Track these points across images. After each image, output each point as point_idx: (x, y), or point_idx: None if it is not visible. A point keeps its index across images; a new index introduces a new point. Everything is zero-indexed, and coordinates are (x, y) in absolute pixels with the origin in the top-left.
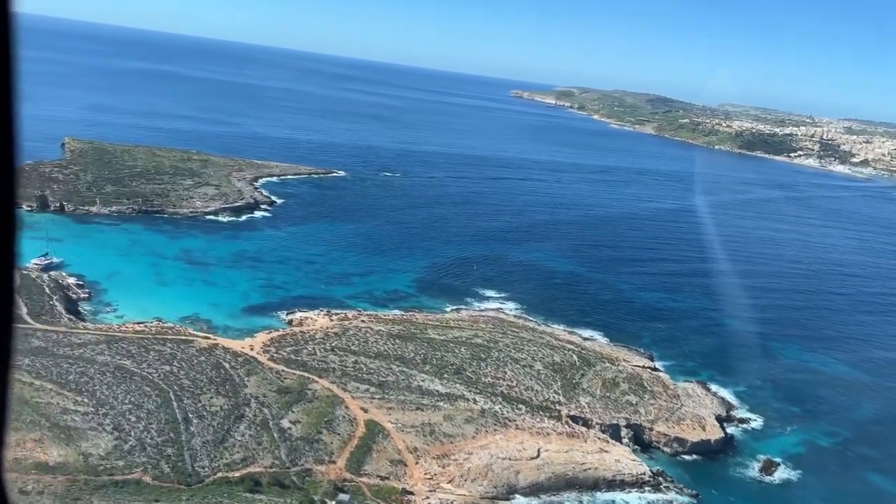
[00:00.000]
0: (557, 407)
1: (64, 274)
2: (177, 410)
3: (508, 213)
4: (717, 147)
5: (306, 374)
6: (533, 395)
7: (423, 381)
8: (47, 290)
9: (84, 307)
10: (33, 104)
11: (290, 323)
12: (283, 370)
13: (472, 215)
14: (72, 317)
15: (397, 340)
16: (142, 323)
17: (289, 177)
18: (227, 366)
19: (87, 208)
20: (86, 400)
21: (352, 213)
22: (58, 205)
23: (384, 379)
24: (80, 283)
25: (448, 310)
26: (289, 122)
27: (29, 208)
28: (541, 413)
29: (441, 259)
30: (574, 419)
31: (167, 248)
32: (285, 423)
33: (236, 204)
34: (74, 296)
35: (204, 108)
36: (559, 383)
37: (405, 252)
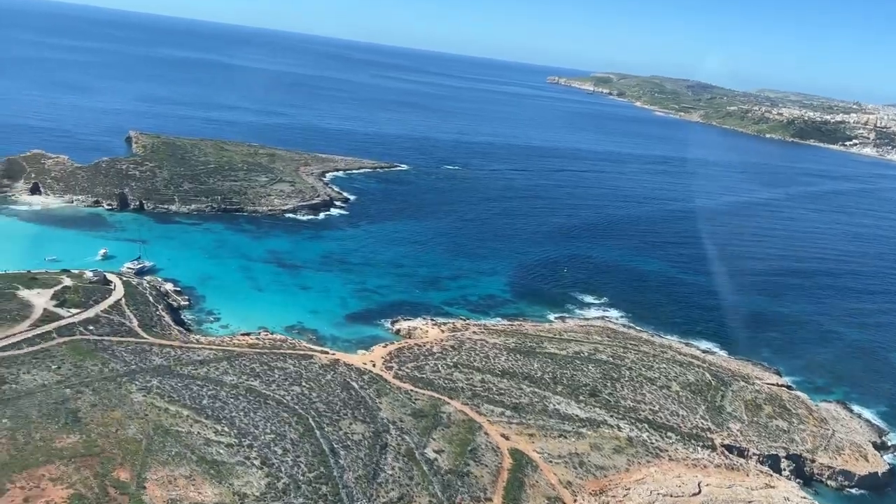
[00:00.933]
0: (709, 435)
1: (159, 279)
2: (321, 440)
3: (581, 207)
4: (768, 135)
5: (436, 395)
6: (680, 422)
7: (558, 403)
8: (151, 298)
9: (187, 316)
10: (90, 95)
11: (397, 333)
12: (411, 390)
13: (545, 210)
14: (180, 328)
15: (518, 356)
16: (249, 334)
17: (354, 171)
18: (355, 385)
19: (166, 207)
20: (226, 429)
21: (425, 210)
22: (137, 203)
23: (517, 401)
24: (178, 289)
25: (552, 318)
26: (338, 113)
27: (109, 207)
28: (693, 442)
29: (526, 259)
30: (729, 449)
31: (253, 249)
32: (430, 453)
33: (313, 202)
34: (175, 303)
35: (252, 98)
36: (703, 407)
37: (488, 252)
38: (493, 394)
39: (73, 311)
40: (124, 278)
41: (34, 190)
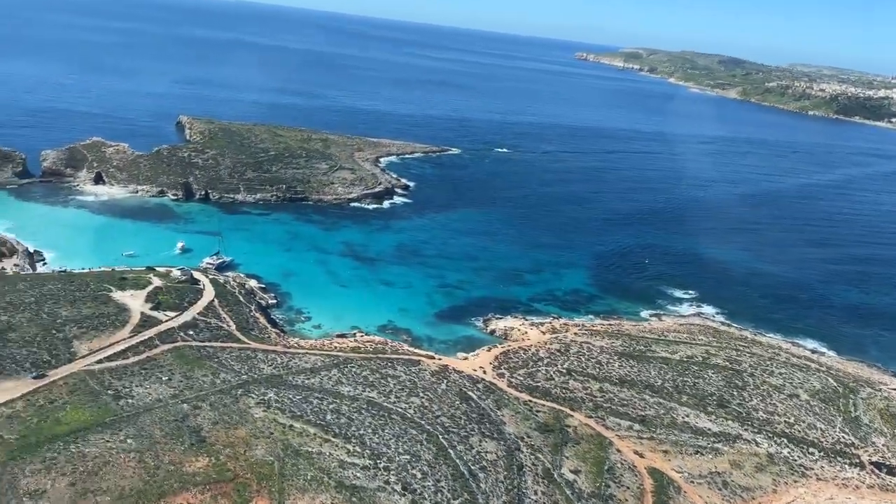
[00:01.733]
0: (853, 450)
1: (242, 275)
2: (457, 461)
3: (643, 191)
4: (811, 112)
5: (556, 406)
6: (820, 436)
7: (686, 416)
8: (241, 298)
9: (277, 315)
10: (131, 79)
11: (491, 333)
12: (530, 400)
13: (608, 195)
14: (276, 330)
15: (631, 361)
16: (345, 335)
17: (407, 155)
18: (473, 396)
19: (232, 196)
20: (358, 449)
21: (487, 197)
22: (203, 193)
23: (643, 413)
24: (263, 286)
25: (645, 315)
26: (372, 94)
27: (175, 197)
28: (838, 459)
29: (601, 248)
30: (878, 466)
31: (326, 241)
32: (567, 474)
33: (375, 190)
34: (263, 302)
35: (285, 78)
36: (840, 418)
37: (561, 241)
38: (616, 405)
39: (170, 314)
40: (210, 276)
41: (97, 179)
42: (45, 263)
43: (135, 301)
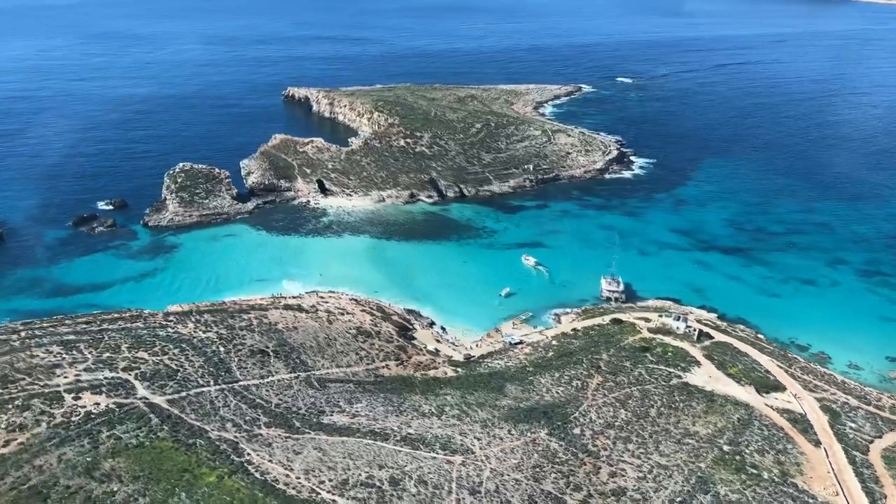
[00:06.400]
0: None
1: (690, 309)
2: None
3: (842, 107)
4: None
5: None
6: None
7: None
8: (771, 346)
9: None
10: (164, 45)
11: None
12: None
13: (791, 118)
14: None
15: None
16: None
17: (554, 101)
18: None
19: (488, 189)
20: None
21: (705, 142)
22: (456, 190)
23: None
24: (717, 314)
25: None
26: (411, 30)
27: (430, 200)
28: None
29: None
30: None
31: (653, 231)
32: None
33: (612, 154)
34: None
35: (301, 23)
36: None
37: (863, 189)
38: None
39: (780, 396)
40: (702, 320)
41: (322, 188)
42: (445, 330)
43: (727, 388)
